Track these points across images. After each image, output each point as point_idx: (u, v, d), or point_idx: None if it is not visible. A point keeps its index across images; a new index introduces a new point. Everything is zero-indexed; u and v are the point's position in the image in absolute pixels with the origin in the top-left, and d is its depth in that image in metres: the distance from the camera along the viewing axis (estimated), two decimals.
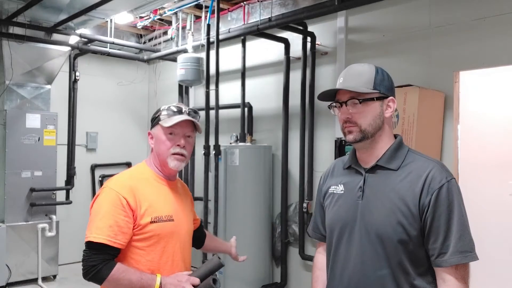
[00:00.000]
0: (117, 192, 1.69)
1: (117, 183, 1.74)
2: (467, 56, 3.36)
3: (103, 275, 1.61)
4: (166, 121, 1.80)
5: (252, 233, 4.52)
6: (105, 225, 1.64)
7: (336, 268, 1.52)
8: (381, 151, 1.47)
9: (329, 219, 1.58)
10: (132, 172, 1.86)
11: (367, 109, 1.43)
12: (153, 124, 1.86)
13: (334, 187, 1.57)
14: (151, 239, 1.72)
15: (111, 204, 1.67)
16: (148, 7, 4.47)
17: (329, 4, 3.92)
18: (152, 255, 1.72)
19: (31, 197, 5.10)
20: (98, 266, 1.61)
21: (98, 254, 1.63)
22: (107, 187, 1.73)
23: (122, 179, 1.77)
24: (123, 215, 1.66)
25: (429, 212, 1.35)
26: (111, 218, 1.65)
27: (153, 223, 1.71)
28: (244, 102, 4.94)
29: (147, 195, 1.74)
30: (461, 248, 1.33)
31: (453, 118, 3.39)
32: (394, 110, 1.49)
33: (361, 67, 1.48)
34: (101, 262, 1.62)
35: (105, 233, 1.63)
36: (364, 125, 1.43)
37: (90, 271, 1.62)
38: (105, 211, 1.67)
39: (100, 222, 1.65)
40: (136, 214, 1.69)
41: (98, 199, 1.73)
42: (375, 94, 1.44)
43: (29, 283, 5.07)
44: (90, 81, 6.08)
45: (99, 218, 1.67)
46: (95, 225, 1.66)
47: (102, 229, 1.64)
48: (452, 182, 1.37)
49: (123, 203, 1.67)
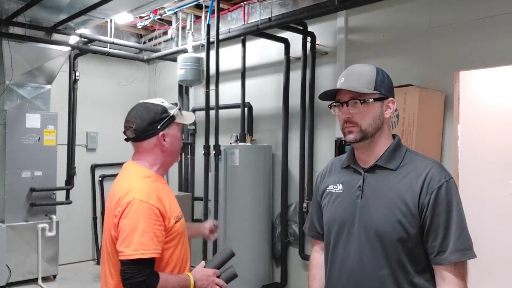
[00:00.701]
0: (148, 204, 1.66)
1: (143, 193, 1.68)
2: (467, 56, 3.36)
3: (153, 287, 1.62)
4: (185, 118, 1.82)
5: (252, 233, 4.52)
6: (148, 239, 1.62)
7: (334, 267, 1.53)
8: (380, 151, 1.49)
9: (327, 218, 1.58)
10: (145, 179, 1.78)
11: (367, 109, 1.44)
12: (164, 124, 1.78)
13: (332, 186, 1.58)
14: (176, 238, 1.75)
15: (146, 216, 1.64)
16: (148, 7, 4.47)
17: (329, 4, 3.92)
18: (177, 252, 1.76)
19: (31, 197, 5.10)
20: (147, 280, 1.61)
21: (144, 269, 1.61)
22: (136, 199, 1.66)
23: (145, 188, 1.71)
24: (157, 225, 1.66)
25: (428, 211, 1.37)
26: (150, 231, 1.63)
27: (177, 222, 1.75)
28: (244, 102, 4.94)
29: (165, 198, 1.75)
30: (460, 246, 1.35)
31: (453, 118, 3.39)
32: (393, 111, 1.50)
33: (362, 68, 1.49)
34: (149, 276, 1.62)
35: (151, 247, 1.62)
36: (365, 125, 1.45)
37: (140, 287, 1.60)
38: (144, 225, 1.63)
39: (143, 238, 1.62)
40: (165, 218, 1.70)
41: (131, 214, 1.65)
42: (376, 95, 1.45)
43: (29, 283, 5.07)
44: (90, 81, 6.08)
45: (139, 233, 1.62)
46: (138, 241, 1.61)
47: (147, 244, 1.62)
48: (451, 181, 1.39)
49: (156, 213, 1.66)
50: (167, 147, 1.80)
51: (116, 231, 1.67)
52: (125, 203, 1.66)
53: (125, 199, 1.66)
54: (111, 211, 1.72)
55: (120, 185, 1.77)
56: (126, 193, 1.68)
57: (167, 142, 1.80)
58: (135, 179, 1.75)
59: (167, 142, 1.80)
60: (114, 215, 1.68)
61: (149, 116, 1.77)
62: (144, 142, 1.79)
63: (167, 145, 1.80)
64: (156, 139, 1.78)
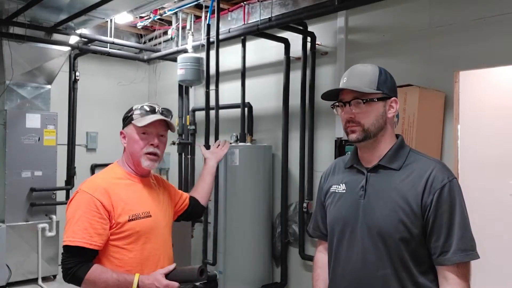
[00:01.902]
0: (91, 195, 1.71)
1: (90, 185, 1.76)
2: (467, 56, 3.36)
3: (80, 277, 1.65)
4: (140, 121, 1.82)
5: (252, 233, 4.52)
6: (80, 228, 1.67)
7: (337, 267, 1.53)
8: (383, 151, 1.48)
9: (331, 218, 1.58)
10: (104, 174, 1.86)
11: (370, 109, 1.44)
12: (125, 123, 1.88)
13: (336, 186, 1.58)
14: (131, 237, 1.75)
15: (85, 207, 1.69)
16: (148, 7, 4.46)
17: (329, 4, 3.92)
18: (134, 252, 1.75)
19: (31, 197, 5.10)
20: (74, 268, 1.66)
21: (74, 257, 1.67)
22: (81, 190, 1.75)
23: (95, 182, 1.79)
24: (97, 217, 1.69)
25: (431, 211, 1.37)
26: (85, 221, 1.67)
27: (131, 221, 1.75)
28: (244, 102, 4.94)
29: (122, 195, 1.77)
30: (463, 247, 1.35)
31: (453, 118, 3.39)
32: (396, 111, 1.50)
33: (364, 67, 1.49)
34: (77, 265, 1.66)
35: (80, 236, 1.66)
36: (367, 125, 1.45)
37: (68, 274, 1.67)
38: (80, 215, 1.68)
39: (75, 226, 1.68)
40: (112, 214, 1.72)
41: (72, 203, 1.74)
42: (379, 95, 1.45)
43: (29, 283, 5.07)
44: (90, 81, 6.08)
45: (74, 222, 1.69)
46: (71, 229, 1.68)
47: (77, 232, 1.66)
48: (454, 181, 1.40)
49: (97, 205, 1.69)
50: (125, 146, 1.88)
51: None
52: (73, 194, 1.79)
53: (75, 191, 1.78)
54: None
55: None
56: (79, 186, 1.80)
57: (125, 141, 1.87)
58: (99, 174, 1.87)
59: (125, 142, 1.87)
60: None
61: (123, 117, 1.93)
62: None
63: (126, 145, 1.87)
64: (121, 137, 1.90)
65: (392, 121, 1.51)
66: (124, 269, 1.73)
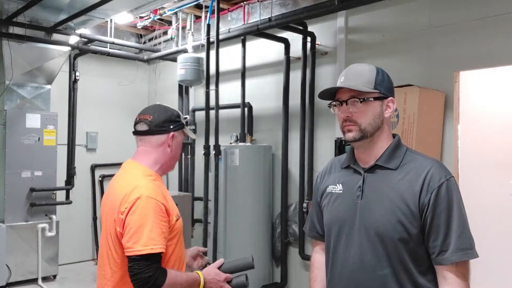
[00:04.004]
0: (156, 200, 1.69)
1: (150, 190, 1.71)
2: (467, 56, 3.36)
3: (160, 282, 1.63)
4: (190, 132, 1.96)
5: (252, 233, 4.52)
6: (157, 234, 1.65)
7: (335, 268, 1.52)
8: (380, 151, 1.48)
9: (327, 219, 1.58)
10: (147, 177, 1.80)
11: (367, 108, 1.44)
12: (176, 126, 1.86)
13: (332, 186, 1.57)
14: (177, 236, 1.79)
15: (154, 212, 1.67)
16: (148, 7, 4.47)
17: (329, 4, 3.92)
18: (176, 251, 1.80)
19: (31, 197, 5.10)
20: (155, 275, 1.62)
21: (152, 264, 1.63)
22: (144, 196, 1.68)
23: (151, 186, 1.74)
24: (164, 221, 1.70)
25: (429, 210, 1.36)
26: (158, 226, 1.67)
27: (177, 220, 1.79)
28: (244, 102, 4.94)
29: (166, 196, 1.79)
30: (461, 246, 1.34)
31: (453, 118, 3.39)
32: (393, 111, 1.50)
33: (361, 67, 1.49)
34: (157, 271, 1.63)
35: (160, 242, 1.65)
36: (364, 124, 1.44)
37: (148, 282, 1.61)
38: (153, 221, 1.66)
39: (152, 233, 1.64)
40: (170, 216, 1.75)
41: (139, 210, 1.66)
42: (375, 94, 1.45)
43: (29, 283, 5.06)
44: (90, 81, 6.08)
45: (148, 229, 1.64)
46: (148, 237, 1.63)
47: (156, 239, 1.64)
48: (451, 180, 1.39)
49: (162, 210, 1.70)
50: (172, 149, 1.86)
51: (122, 227, 1.67)
52: (132, 199, 1.67)
53: (132, 196, 1.68)
54: (115, 208, 1.72)
55: (123, 182, 1.78)
56: (132, 190, 1.69)
57: (173, 144, 1.86)
58: (139, 177, 1.77)
59: (173, 144, 1.87)
60: (120, 211, 1.68)
61: (166, 114, 1.86)
62: (153, 137, 1.84)
63: (173, 147, 1.87)
64: (166, 137, 1.84)
65: (389, 121, 1.51)
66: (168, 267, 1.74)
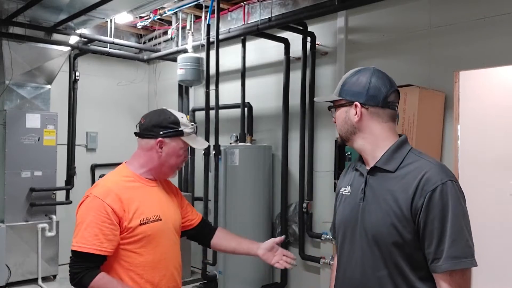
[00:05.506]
0: (101, 201, 1.70)
1: (102, 190, 1.74)
2: (467, 56, 3.36)
3: (85, 283, 1.67)
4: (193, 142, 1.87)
5: (252, 233, 4.50)
6: (90, 234, 1.67)
7: (340, 268, 1.54)
8: (380, 153, 1.46)
9: (337, 220, 1.61)
10: (116, 177, 1.84)
11: (339, 115, 1.53)
12: (167, 133, 1.81)
13: (344, 188, 1.59)
14: (142, 241, 1.75)
15: (95, 212, 1.69)
16: (148, 7, 4.46)
17: (329, 4, 3.93)
18: (145, 256, 1.76)
19: (31, 197, 5.10)
20: (81, 273, 1.67)
21: (82, 262, 1.68)
22: (92, 195, 1.73)
23: (107, 186, 1.76)
24: (107, 223, 1.69)
25: (421, 215, 1.31)
26: (95, 226, 1.67)
27: (142, 225, 1.75)
28: (244, 102, 4.94)
29: (133, 199, 1.76)
30: (453, 254, 1.28)
31: (453, 118, 3.39)
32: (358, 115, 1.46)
33: (346, 74, 1.55)
34: (84, 270, 1.67)
35: (91, 242, 1.66)
36: (339, 130, 1.55)
37: (74, 278, 1.69)
38: (90, 220, 1.68)
39: (85, 232, 1.68)
40: (123, 219, 1.72)
41: (82, 207, 1.74)
42: (342, 101, 1.51)
43: (29, 283, 5.06)
44: (90, 81, 6.08)
45: (83, 227, 1.68)
46: (80, 234, 1.68)
47: (87, 238, 1.67)
48: (448, 184, 1.31)
49: (107, 211, 1.69)
50: (161, 155, 1.82)
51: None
52: (84, 197, 1.77)
53: (86, 194, 1.77)
54: None
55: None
56: (91, 188, 1.79)
57: (163, 151, 1.82)
58: (110, 177, 1.84)
59: (163, 151, 1.82)
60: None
61: (158, 119, 1.84)
62: (143, 140, 1.85)
63: (162, 154, 1.82)
64: (154, 142, 1.81)
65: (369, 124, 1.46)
66: (135, 273, 1.74)
